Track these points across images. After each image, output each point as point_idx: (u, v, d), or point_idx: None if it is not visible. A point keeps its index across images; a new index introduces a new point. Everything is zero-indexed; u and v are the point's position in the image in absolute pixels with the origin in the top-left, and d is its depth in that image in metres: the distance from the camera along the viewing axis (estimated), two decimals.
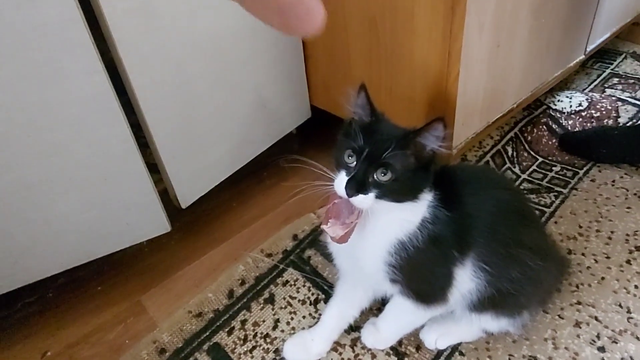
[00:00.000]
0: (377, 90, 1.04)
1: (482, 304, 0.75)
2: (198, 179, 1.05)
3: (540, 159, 1.26)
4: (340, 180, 0.64)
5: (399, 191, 0.65)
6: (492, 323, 0.80)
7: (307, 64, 1.19)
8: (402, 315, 0.80)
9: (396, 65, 0.98)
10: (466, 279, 0.73)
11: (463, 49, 0.86)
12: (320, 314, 0.91)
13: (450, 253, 0.70)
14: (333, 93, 1.21)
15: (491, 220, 0.72)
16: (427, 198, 0.68)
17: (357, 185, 0.63)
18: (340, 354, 0.85)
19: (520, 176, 1.21)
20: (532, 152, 1.28)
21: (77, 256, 0.92)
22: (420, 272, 0.72)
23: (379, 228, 0.69)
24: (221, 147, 1.07)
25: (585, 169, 1.21)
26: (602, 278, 0.94)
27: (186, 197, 1.02)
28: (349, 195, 0.63)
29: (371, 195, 0.63)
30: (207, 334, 0.87)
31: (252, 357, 0.85)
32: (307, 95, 1.25)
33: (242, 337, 0.87)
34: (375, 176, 0.63)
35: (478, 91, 0.99)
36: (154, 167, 0.98)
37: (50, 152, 0.79)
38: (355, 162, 0.64)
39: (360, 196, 0.63)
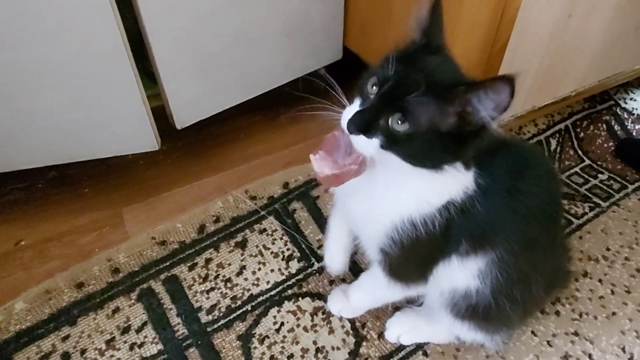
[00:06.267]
0: None
1: (470, 311, 0.65)
2: (199, 102, 0.97)
3: (587, 162, 1.09)
4: (349, 111, 0.51)
5: (413, 152, 0.50)
6: (470, 334, 0.71)
7: None
8: (376, 289, 0.72)
9: None
10: (464, 275, 0.62)
11: (521, 11, 0.70)
12: (290, 272, 0.86)
13: (460, 243, 0.59)
14: (369, 36, 1.06)
15: (527, 223, 0.59)
16: (462, 175, 0.54)
17: (362, 123, 0.49)
18: (299, 319, 0.80)
19: None
20: (580, 152, 1.11)
21: (61, 154, 0.90)
22: (417, 252, 0.60)
23: (391, 198, 0.57)
24: (230, 72, 0.97)
25: (637, 184, 1.04)
26: (613, 313, 0.82)
27: (182, 118, 0.96)
28: (349, 131, 0.50)
29: (375, 141, 0.49)
30: (168, 264, 0.84)
31: (207, 298, 0.81)
32: (341, 33, 1.11)
33: (203, 276, 0.84)
34: (389, 121, 0.48)
35: (529, 67, 0.82)
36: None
37: (40, 40, 0.73)
38: (375, 95, 0.50)
39: (362, 138, 0.50)
